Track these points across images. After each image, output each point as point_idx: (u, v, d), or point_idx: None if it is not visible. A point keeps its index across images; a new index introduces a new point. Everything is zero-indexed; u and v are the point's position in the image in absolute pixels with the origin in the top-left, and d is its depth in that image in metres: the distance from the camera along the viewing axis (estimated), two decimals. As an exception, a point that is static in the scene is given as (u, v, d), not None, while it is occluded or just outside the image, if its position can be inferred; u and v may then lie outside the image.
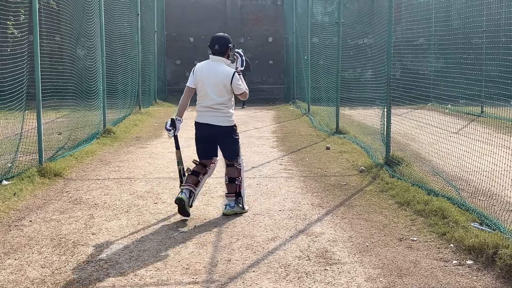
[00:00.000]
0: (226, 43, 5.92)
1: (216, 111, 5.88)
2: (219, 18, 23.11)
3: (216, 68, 5.88)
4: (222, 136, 5.97)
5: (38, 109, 7.96)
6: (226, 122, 5.94)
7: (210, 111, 5.89)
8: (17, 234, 5.32)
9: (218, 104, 5.86)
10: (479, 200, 6.12)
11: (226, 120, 5.94)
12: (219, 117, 5.89)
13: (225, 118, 5.93)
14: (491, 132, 8.18)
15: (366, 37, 20.29)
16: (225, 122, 5.93)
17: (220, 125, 5.90)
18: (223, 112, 5.90)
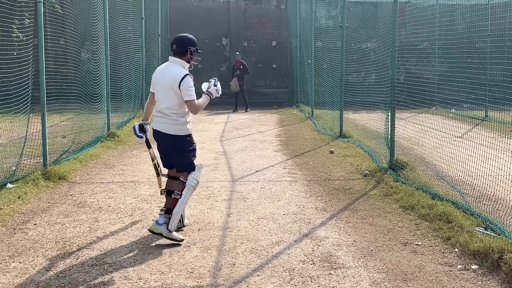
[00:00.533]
0: (185, 44, 5.40)
1: (166, 117, 5.33)
2: (222, 22, 23.15)
3: (169, 69, 5.38)
4: (171, 145, 5.41)
5: (43, 113, 7.98)
6: (175, 131, 5.35)
7: (161, 117, 5.36)
8: (22, 237, 5.33)
9: (168, 109, 5.30)
10: (483, 204, 6.10)
11: (177, 129, 5.34)
12: (168, 124, 5.33)
13: (175, 126, 5.33)
14: (495, 136, 8.16)
15: (370, 41, 20.34)
16: (174, 130, 5.34)
17: (169, 134, 5.35)
18: (173, 119, 5.31)
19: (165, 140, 5.40)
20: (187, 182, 5.39)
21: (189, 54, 5.43)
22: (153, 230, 5.23)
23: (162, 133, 5.36)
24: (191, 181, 5.41)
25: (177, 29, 22.52)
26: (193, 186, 5.44)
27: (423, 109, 11.84)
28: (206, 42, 23.13)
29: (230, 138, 12.22)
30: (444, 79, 14.55)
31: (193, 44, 5.48)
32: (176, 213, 5.26)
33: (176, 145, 5.40)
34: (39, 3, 7.84)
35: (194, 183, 5.44)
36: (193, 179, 5.43)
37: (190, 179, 5.41)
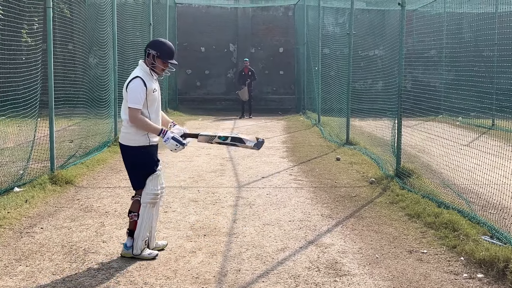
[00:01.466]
0: (147, 45, 4.97)
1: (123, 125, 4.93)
2: (230, 28, 23.23)
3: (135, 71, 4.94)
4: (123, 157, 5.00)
5: (51, 117, 8.03)
6: (126, 141, 4.89)
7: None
8: (29, 241, 5.36)
9: (122, 114, 4.93)
10: (489, 213, 6.09)
11: (127, 138, 4.88)
12: (122, 133, 4.92)
13: (126, 135, 4.89)
14: (501, 145, 8.16)
15: (377, 49, 20.36)
16: (125, 140, 4.90)
17: (121, 143, 4.94)
18: (124, 126, 4.89)
19: (121, 153, 4.98)
20: (142, 200, 4.89)
21: (149, 57, 4.87)
22: (123, 254, 4.91)
23: (119, 144, 4.98)
24: (145, 197, 4.89)
25: (185, 35, 22.68)
26: (149, 202, 4.88)
27: (430, 117, 11.82)
28: (213, 48, 23.24)
29: (236, 144, 12.23)
30: (451, 87, 14.54)
31: (153, 48, 4.87)
32: (137, 236, 4.86)
33: (124, 157, 4.96)
34: (48, 8, 7.90)
35: (150, 199, 4.88)
36: (147, 195, 4.88)
37: (144, 196, 4.89)
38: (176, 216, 6.34)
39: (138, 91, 4.73)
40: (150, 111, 4.87)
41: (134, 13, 14.65)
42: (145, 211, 4.89)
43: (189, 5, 22.92)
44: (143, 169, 4.90)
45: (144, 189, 4.90)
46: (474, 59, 12.18)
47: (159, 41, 4.97)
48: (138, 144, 4.85)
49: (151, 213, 4.94)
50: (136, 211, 4.94)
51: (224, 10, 23.29)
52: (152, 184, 4.90)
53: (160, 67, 4.93)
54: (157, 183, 4.95)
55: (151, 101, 4.86)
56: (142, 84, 4.75)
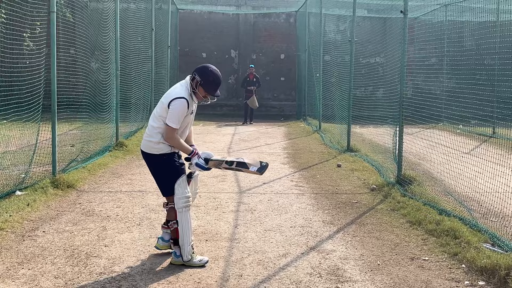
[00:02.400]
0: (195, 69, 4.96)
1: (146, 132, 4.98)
2: (231, 34, 23.30)
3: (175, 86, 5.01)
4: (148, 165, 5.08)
5: (53, 121, 8.05)
6: (147, 148, 4.94)
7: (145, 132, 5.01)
8: (31, 244, 5.37)
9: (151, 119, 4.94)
10: (491, 221, 6.10)
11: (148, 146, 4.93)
12: (145, 141, 4.96)
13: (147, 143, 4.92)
14: (503, 153, 8.17)
15: (378, 56, 20.42)
16: (146, 147, 4.95)
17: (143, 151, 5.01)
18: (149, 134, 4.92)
19: (144, 159, 5.02)
20: (176, 206, 4.89)
21: (193, 82, 4.88)
22: (174, 263, 4.89)
23: (141, 150, 5.03)
24: (178, 203, 4.87)
25: (186, 40, 22.74)
26: (184, 206, 4.87)
27: (431, 124, 11.85)
28: (215, 54, 23.30)
29: (237, 150, 12.26)
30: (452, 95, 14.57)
31: (200, 74, 4.86)
32: (183, 242, 4.84)
33: (149, 165, 5.00)
34: (52, 12, 7.94)
35: (183, 203, 4.87)
36: (179, 200, 4.87)
37: (177, 202, 4.88)
38: (177, 221, 6.34)
39: (180, 113, 4.76)
40: (182, 134, 4.98)
41: (137, 18, 14.70)
42: (182, 216, 4.88)
43: (191, 11, 23.00)
44: (170, 175, 4.90)
45: (175, 196, 4.88)
46: (475, 67, 12.22)
47: (208, 70, 4.91)
48: (161, 152, 4.87)
49: (188, 216, 4.92)
50: (173, 219, 4.95)
51: (226, 16, 23.37)
52: (180, 188, 4.89)
53: (201, 96, 4.93)
54: (185, 185, 4.92)
55: (184, 120, 4.90)
56: (185, 107, 4.79)
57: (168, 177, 4.90)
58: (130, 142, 12.05)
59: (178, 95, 4.78)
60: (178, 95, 4.78)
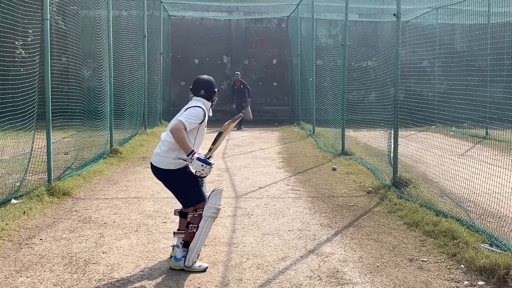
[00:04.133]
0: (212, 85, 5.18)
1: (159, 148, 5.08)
2: (224, 40, 23.32)
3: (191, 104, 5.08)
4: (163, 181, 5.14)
5: (48, 129, 8.02)
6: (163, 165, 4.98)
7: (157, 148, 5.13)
8: (28, 252, 5.34)
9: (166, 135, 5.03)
10: (488, 221, 6.13)
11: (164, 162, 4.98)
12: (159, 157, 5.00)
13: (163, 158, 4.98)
14: (497, 153, 8.21)
15: (370, 60, 20.49)
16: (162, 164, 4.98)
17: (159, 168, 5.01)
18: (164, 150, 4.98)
19: (157, 174, 5.06)
20: (204, 213, 4.90)
21: (214, 95, 5.19)
22: (174, 267, 4.90)
23: (152, 165, 5.05)
24: (207, 211, 4.90)
25: (178, 47, 22.74)
26: (211, 216, 4.91)
27: (424, 127, 11.89)
28: (207, 60, 23.31)
29: (232, 155, 12.25)
30: (444, 96, 14.65)
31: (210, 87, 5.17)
32: (193, 248, 4.86)
33: (169, 181, 5.05)
34: (45, 20, 7.92)
35: (212, 213, 4.91)
36: (210, 209, 4.90)
37: (206, 209, 4.90)
38: (175, 226, 6.30)
39: (196, 118, 4.90)
40: (196, 142, 5.06)
41: (129, 25, 14.69)
42: (205, 224, 4.90)
43: (183, 17, 23.01)
44: (190, 186, 4.97)
45: (208, 203, 4.91)
46: (467, 70, 12.29)
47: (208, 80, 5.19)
48: (178, 167, 4.94)
49: (210, 227, 4.96)
50: (196, 223, 4.96)
51: (218, 22, 23.39)
52: (215, 198, 4.94)
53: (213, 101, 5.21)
54: (220, 198, 4.99)
55: (200, 133, 5.07)
56: (202, 115, 4.96)
57: (189, 188, 4.99)
58: (125, 149, 12.01)
59: (194, 105, 4.98)
60: (195, 105, 4.98)
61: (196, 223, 4.96)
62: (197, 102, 5.05)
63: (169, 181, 5.04)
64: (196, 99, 5.09)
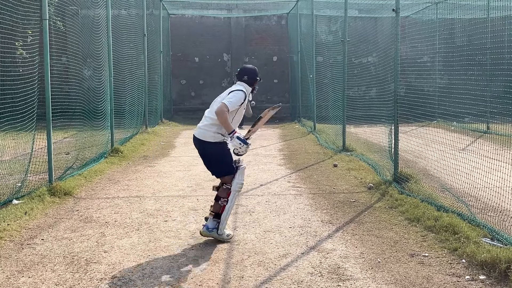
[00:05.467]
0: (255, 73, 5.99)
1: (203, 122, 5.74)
2: (224, 38, 23.31)
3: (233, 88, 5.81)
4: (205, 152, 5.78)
5: (49, 129, 8.02)
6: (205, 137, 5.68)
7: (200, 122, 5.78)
8: (30, 252, 5.35)
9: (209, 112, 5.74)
10: (489, 216, 6.12)
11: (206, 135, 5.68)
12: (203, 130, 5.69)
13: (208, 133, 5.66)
14: (498, 148, 8.20)
15: (370, 56, 20.47)
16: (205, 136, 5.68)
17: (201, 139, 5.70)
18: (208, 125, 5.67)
19: (198, 145, 5.75)
20: (232, 188, 5.68)
21: (255, 83, 5.99)
22: (205, 235, 5.59)
23: (195, 138, 5.76)
24: (235, 186, 5.70)
25: (179, 45, 22.74)
26: (237, 191, 5.73)
27: (425, 122, 11.89)
28: (207, 58, 23.31)
29: (233, 153, 12.25)
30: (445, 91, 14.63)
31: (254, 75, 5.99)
32: (224, 218, 5.62)
33: (207, 152, 5.72)
34: (44, 20, 7.92)
35: (238, 188, 5.73)
36: (236, 184, 5.71)
37: (235, 185, 5.69)
38: (176, 225, 6.34)
39: (238, 100, 5.61)
40: (234, 121, 5.73)
41: (128, 24, 14.69)
42: (233, 198, 5.70)
43: (183, 15, 23.00)
44: (223, 159, 5.71)
45: (235, 179, 5.68)
46: (467, 64, 12.27)
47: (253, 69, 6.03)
48: (216, 140, 5.65)
49: (235, 200, 5.80)
50: (226, 197, 5.67)
51: (218, 20, 23.38)
52: (241, 175, 5.74)
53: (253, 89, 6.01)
54: (243, 174, 5.78)
55: (239, 113, 5.79)
56: (243, 98, 5.69)
57: (222, 160, 5.71)
58: (126, 148, 12.03)
59: (237, 89, 5.72)
60: (238, 89, 5.72)
61: (225, 196, 5.67)
62: (240, 86, 5.79)
63: (208, 151, 5.71)
64: (240, 83, 5.85)
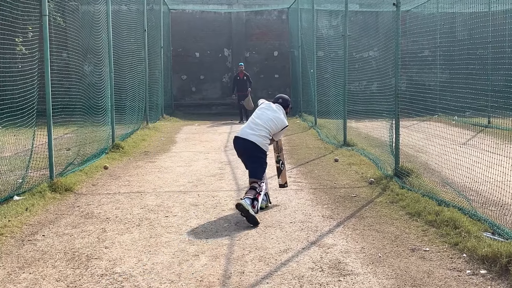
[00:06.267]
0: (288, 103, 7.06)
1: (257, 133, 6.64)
2: (224, 33, 23.28)
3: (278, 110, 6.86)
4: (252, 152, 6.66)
5: (49, 125, 8.02)
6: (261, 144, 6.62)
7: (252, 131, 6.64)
8: (31, 248, 5.35)
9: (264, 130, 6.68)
10: (490, 210, 6.12)
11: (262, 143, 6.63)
12: (257, 137, 6.60)
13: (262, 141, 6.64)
14: (499, 142, 8.19)
15: (371, 50, 20.43)
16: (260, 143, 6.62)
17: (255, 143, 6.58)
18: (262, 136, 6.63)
19: (249, 147, 6.56)
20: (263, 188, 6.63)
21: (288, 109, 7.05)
22: (243, 204, 6.06)
23: (249, 141, 6.56)
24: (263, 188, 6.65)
25: (179, 40, 22.71)
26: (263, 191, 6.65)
27: (426, 116, 11.87)
28: (208, 53, 23.29)
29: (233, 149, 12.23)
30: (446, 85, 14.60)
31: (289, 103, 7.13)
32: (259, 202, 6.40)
33: (258, 155, 6.59)
34: (44, 16, 7.91)
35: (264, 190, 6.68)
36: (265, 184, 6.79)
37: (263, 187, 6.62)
38: (177, 220, 6.34)
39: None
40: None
41: (129, 20, 14.67)
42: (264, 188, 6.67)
43: (183, 10, 22.98)
44: (264, 166, 6.70)
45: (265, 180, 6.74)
46: (468, 58, 12.24)
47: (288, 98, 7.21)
48: (266, 150, 6.69)
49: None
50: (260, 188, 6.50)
51: (218, 15, 23.35)
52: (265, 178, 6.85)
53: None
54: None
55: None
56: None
57: (262, 167, 6.66)
58: (126, 144, 12.02)
59: (286, 123, 6.86)
60: (286, 123, 6.87)
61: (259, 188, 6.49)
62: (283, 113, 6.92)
63: (256, 155, 6.60)
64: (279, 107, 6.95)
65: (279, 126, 6.75)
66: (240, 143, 6.68)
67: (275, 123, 6.73)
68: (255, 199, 6.31)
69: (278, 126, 6.75)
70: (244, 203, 6.07)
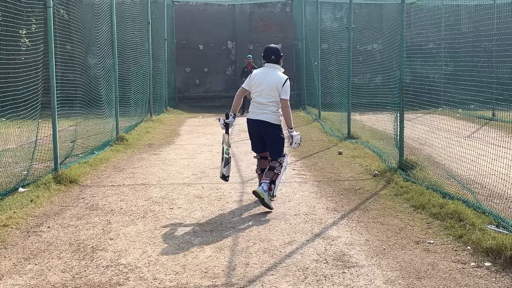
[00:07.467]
0: (279, 53, 6.83)
1: (267, 109, 6.55)
2: (228, 26, 23.23)
3: (272, 72, 6.65)
4: (270, 133, 6.59)
5: (54, 117, 8.03)
6: (275, 121, 6.58)
7: (261, 109, 6.57)
8: (36, 239, 5.38)
9: (272, 102, 6.56)
10: (494, 203, 6.11)
11: (276, 119, 6.58)
12: (269, 115, 6.54)
13: (275, 117, 6.57)
14: (504, 135, 8.16)
15: (376, 43, 20.36)
16: (275, 120, 6.57)
17: (269, 122, 6.54)
18: (273, 111, 6.55)
19: (264, 128, 6.54)
20: (283, 165, 6.59)
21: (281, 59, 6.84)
22: (259, 193, 6.21)
23: (263, 121, 6.52)
24: (286, 163, 6.67)
25: (183, 33, 22.68)
26: (285, 167, 6.67)
27: (430, 109, 11.84)
28: (212, 45, 23.25)
29: (238, 141, 12.24)
30: (451, 78, 14.55)
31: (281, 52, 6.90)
32: (277, 184, 6.47)
33: (275, 133, 6.56)
34: (48, 8, 7.90)
35: (286, 165, 6.70)
36: (286, 162, 6.71)
37: (285, 162, 6.65)
38: (181, 212, 6.36)
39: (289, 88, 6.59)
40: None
41: (133, 12, 14.65)
42: (283, 170, 6.61)
43: (187, 3, 22.93)
44: (282, 141, 6.67)
45: (285, 158, 6.65)
46: (473, 51, 12.18)
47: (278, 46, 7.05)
48: (280, 124, 6.63)
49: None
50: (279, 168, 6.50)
51: (222, 7, 23.29)
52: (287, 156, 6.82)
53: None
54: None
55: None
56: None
57: (282, 143, 6.64)
58: (130, 136, 12.04)
59: (283, 77, 6.59)
60: (283, 77, 6.60)
61: (278, 167, 6.49)
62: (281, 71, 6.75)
63: (273, 133, 6.57)
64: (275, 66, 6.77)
65: (280, 88, 6.55)
66: (254, 124, 6.69)
67: (276, 87, 6.57)
68: (272, 182, 6.40)
69: (280, 88, 6.55)
70: (259, 191, 6.23)
